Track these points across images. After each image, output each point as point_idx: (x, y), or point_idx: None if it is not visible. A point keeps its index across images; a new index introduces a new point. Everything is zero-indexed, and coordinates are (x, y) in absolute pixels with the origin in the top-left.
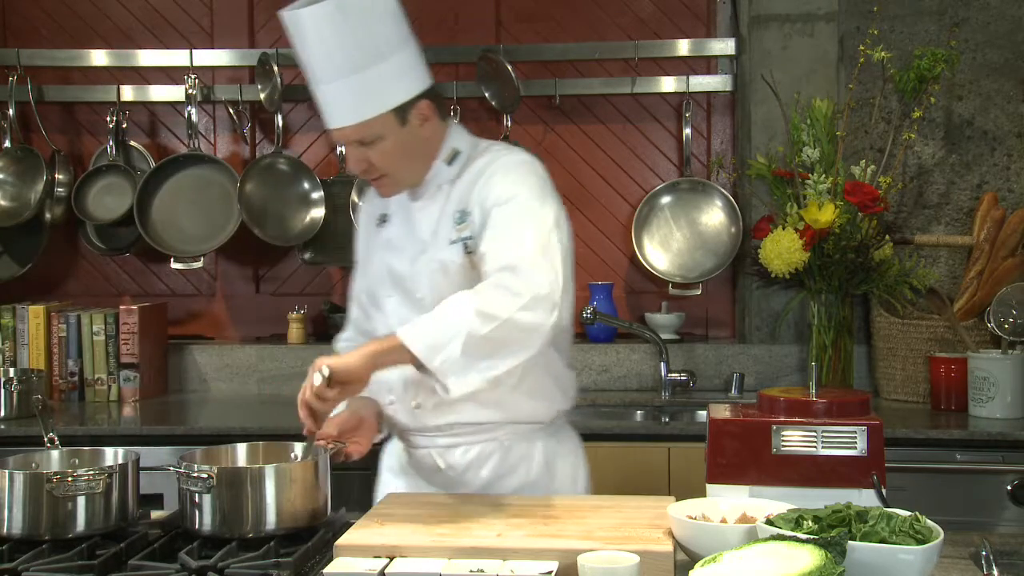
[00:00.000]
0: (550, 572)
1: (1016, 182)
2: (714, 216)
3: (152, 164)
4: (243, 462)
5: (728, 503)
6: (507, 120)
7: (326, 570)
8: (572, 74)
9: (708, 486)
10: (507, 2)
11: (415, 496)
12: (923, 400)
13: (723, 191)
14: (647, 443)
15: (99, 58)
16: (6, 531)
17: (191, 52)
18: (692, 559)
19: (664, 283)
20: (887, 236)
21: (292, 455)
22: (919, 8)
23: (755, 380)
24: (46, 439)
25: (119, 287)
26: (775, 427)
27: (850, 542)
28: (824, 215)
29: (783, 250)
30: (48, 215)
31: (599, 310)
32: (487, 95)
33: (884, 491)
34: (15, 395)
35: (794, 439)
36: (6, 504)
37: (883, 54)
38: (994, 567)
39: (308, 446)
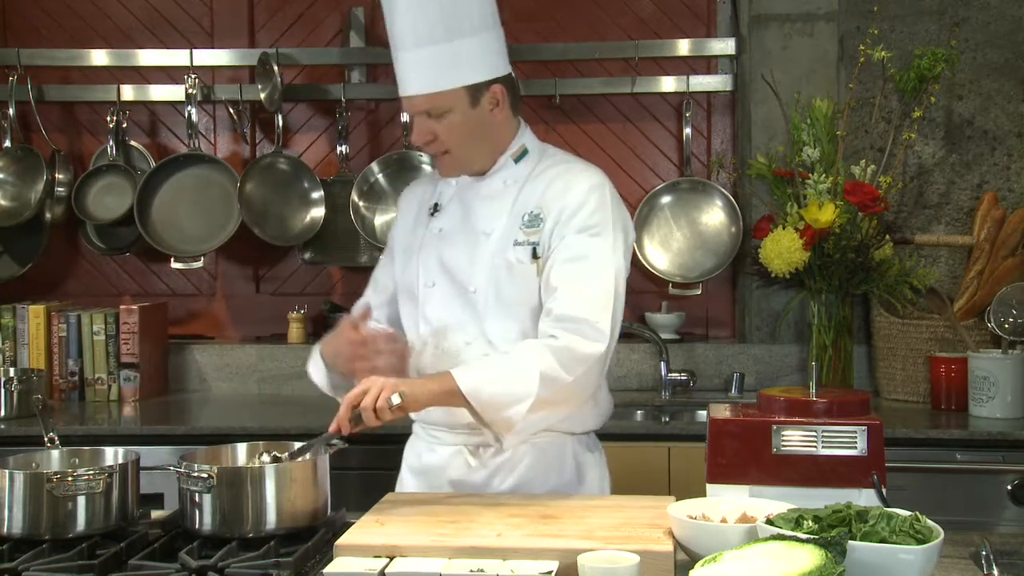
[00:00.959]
0: (550, 572)
1: (1016, 182)
2: (714, 216)
3: (152, 164)
4: (243, 462)
5: (728, 503)
6: None
7: (326, 570)
8: (572, 74)
9: (708, 486)
10: (507, 2)
11: (415, 495)
12: (923, 400)
13: (723, 191)
14: (647, 443)
15: (99, 58)
16: (6, 531)
17: (191, 52)
18: (692, 559)
19: (664, 283)
20: (887, 236)
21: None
22: (919, 8)
23: (755, 380)
24: (46, 439)
25: (119, 287)
26: (775, 427)
27: (850, 542)
28: (824, 215)
29: (783, 250)
30: (48, 215)
31: None
32: None
33: (884, 491)
34: (15, 395)
35: (794, 439)
36: (6, 504)
37: (883, 54)
38: (994, 567)
39: (317, 444)
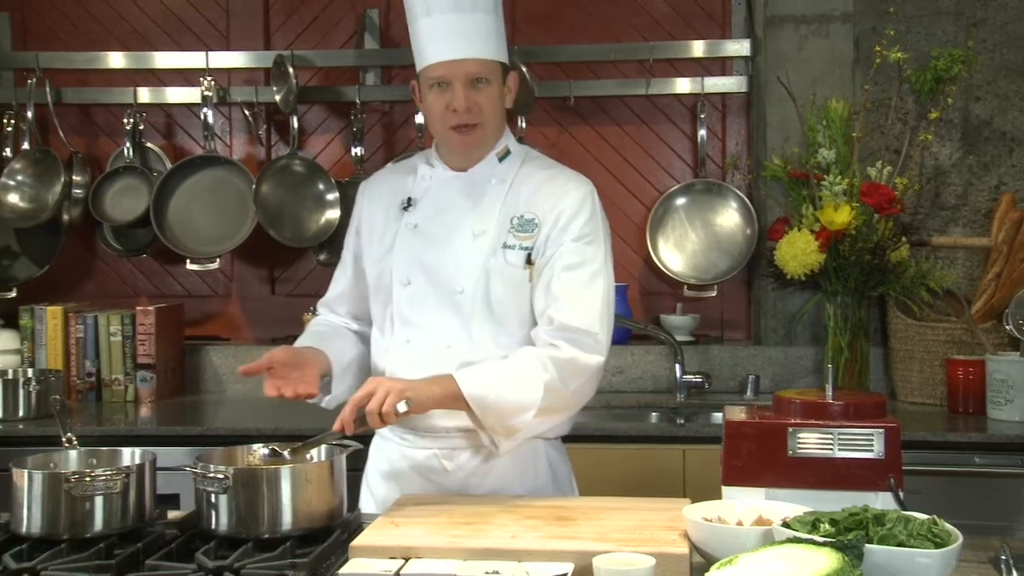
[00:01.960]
0: (565, 574)
1: None
2: (729, 217)
3: (168, 165)
4: (259, 462)
5: (744, 505)
6: (521, 122)
7: (342, 571)
8: (586, 75)
9: (724, 488)
10: (521, 3)
11: (430, 497)
12: (940, 403)
13: (738, 192)
14: (662, 445)
15: (116, 60)
16: (25, 530)
17: (207, 54)
18: (708, 561)
19: (679, 284)
20: (904, 238)
21: (308, 455)
22: (936, 8)
23: (771, 382)
24: (64, 439)
25: (135, 288)
26: (791, 429)
27: (867, 545)
28: (840, 216)
29: (799, 252)
30: (66, 216)
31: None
32: None
33: (901, 494)
34: (33, 395)
35: (810, 441)
36: (25, 504)
37: (899, 55)
38: (1014, 571)
39: (319, 442)
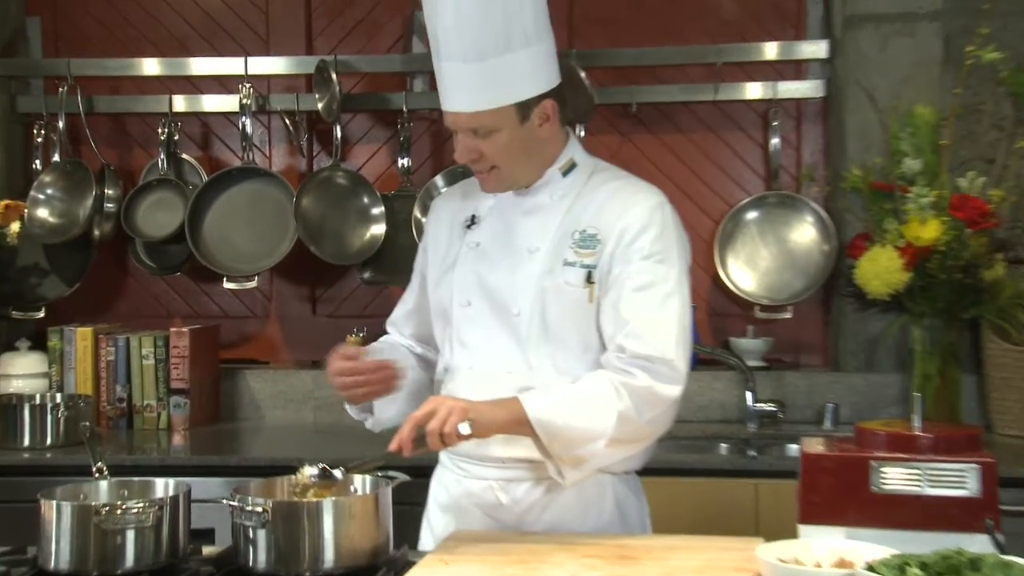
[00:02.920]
0: None
1: None
2: (805, 233)
3: (204, 178)
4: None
5: (823, 546)
6: (580, 131)
7: None
8: (650, 80)
9: (800, 527)
10: (580, 4)
11: (485, 534)
12: None
13: (814, 206)
14: (732, 479)
15: (150, 67)
16: (53, 565)
17: (245, 60)
18: None
19: (750, 305)
20: (999, 254)
21: (352, 488)
22: None
23: (851, 412)
24: (94, 469)
25: (169, 308)
26: (874, 463)
27: None
28: (927, 231)
29: (881, 270)
30: (96, 232)
31: None
32: None
33: (1000, 537)
34: (61, 422)
35: (896, 477)
36: (53, 537)
37: (995, 54)
38: None
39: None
